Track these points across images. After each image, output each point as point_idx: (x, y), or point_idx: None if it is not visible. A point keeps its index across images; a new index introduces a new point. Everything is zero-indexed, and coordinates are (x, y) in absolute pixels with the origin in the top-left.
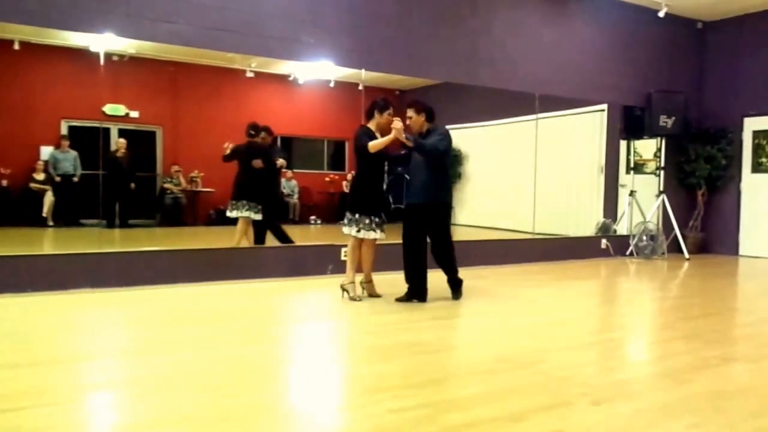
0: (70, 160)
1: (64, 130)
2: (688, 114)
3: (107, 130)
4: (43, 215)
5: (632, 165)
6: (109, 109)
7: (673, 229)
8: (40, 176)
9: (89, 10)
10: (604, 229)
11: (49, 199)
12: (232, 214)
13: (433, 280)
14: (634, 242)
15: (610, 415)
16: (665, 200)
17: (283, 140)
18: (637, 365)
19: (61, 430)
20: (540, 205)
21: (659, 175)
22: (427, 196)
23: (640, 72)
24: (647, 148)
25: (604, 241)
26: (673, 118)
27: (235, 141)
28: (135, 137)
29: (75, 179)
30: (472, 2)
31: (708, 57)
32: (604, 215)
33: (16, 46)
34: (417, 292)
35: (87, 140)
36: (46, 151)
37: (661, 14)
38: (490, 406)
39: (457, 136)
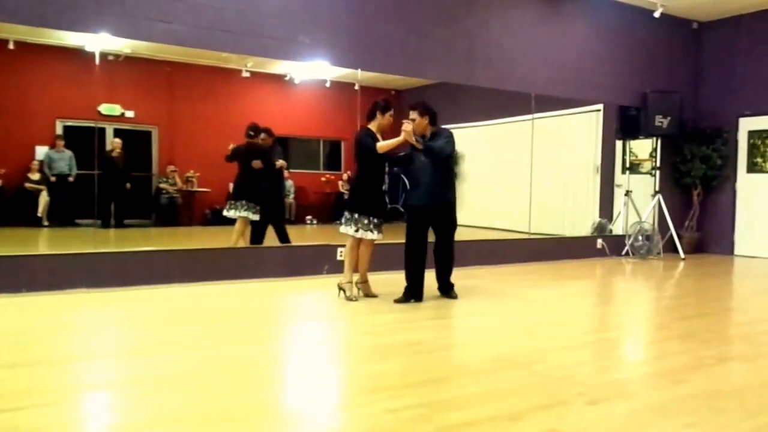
0: (65, 159)
1: (59, 130)
2: (684, 114)
3: (103, 130)
4: (38, 215)
5: (628, 165)
6: (105, 108)
7: (668, 229)
8: (35, 176)
9: (85, 10)
10: (600, 229)
11: (44, 199)
12: (229, 213)
13: (430, 281)
14: (629, 242)
15: (607, 415)
16: (661, 200)
17: (280, 140)
18: (634, 365)
19: (58, 430)
20: (536, 205)
21: (655, 175)
22: (433, 197)
23: (635, 72)
24: (643, 148)
25: (599, 241)
26: (668, 118)
27: (232, 141)
28: (130, 137)
29: (70, 179)
30: (468, 2)
31: (703, 57)
32: (600, 215)
33: (11, 46)
34: (415, 292)
35: (82, 140)
36: (41, 151)
37: (656, 14)
38: (487, 405)
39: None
